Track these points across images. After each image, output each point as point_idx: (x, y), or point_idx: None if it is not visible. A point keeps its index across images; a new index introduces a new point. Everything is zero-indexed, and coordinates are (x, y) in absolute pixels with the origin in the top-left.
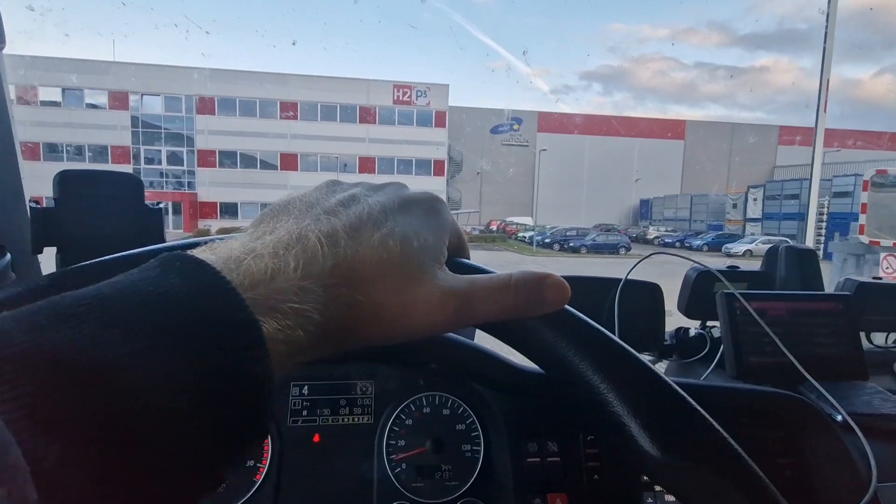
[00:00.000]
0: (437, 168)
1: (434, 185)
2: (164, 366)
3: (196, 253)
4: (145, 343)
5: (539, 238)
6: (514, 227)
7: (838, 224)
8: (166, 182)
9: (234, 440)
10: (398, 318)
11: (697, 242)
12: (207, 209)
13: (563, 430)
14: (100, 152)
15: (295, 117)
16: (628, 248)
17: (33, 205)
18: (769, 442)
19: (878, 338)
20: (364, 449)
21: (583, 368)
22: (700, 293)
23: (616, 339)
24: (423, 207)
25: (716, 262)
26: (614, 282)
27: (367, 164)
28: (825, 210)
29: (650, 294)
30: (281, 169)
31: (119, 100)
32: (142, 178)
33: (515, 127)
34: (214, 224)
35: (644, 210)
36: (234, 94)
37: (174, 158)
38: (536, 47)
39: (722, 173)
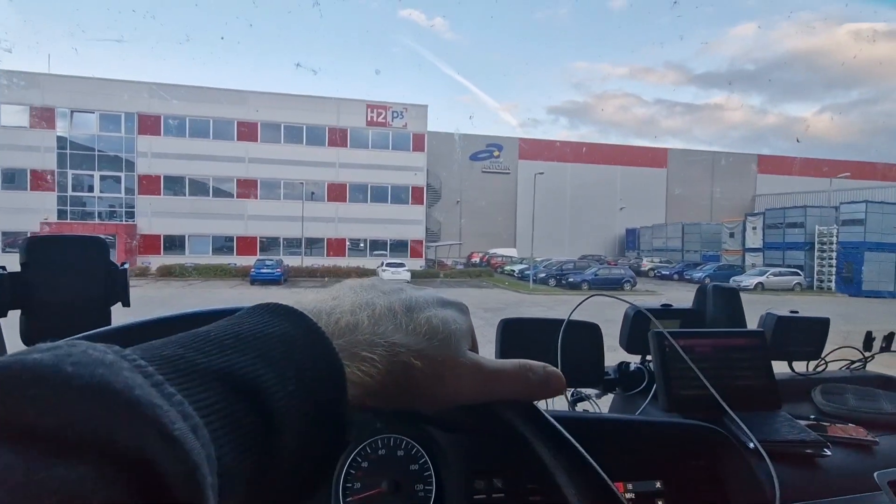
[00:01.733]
0: (416, 195)
1: (412, 215)
2: (296, 393)
3: (288, 304)
4: (281, 373)
5: (531, 272)
6: (500, 259)
7: (850, 254)
8: (98, 212)
9: (329, 460)
10: (439, 385)
11: (699, 275)
12: (148, 243)
13: (509, 468)
14: (12, 177)
15: (254, 139)
16: (633, 283)
17: (0, 269)
18: (692, 470)
19: (801, 366)
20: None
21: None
22: (638, 330)
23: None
24: (456, 306)
25: None
26: (558, 322)
27: (337, 191)
28: (834, 239)
29: (591, 333)
30: (237, 197)
31: (43, 118)
32: (60, 208)
33: (496, 154)
34: (156, 260)
35: (630, 240)
36: (184, 113)
37: (109, 185)
38: (504, 83)
39: (705, 202)
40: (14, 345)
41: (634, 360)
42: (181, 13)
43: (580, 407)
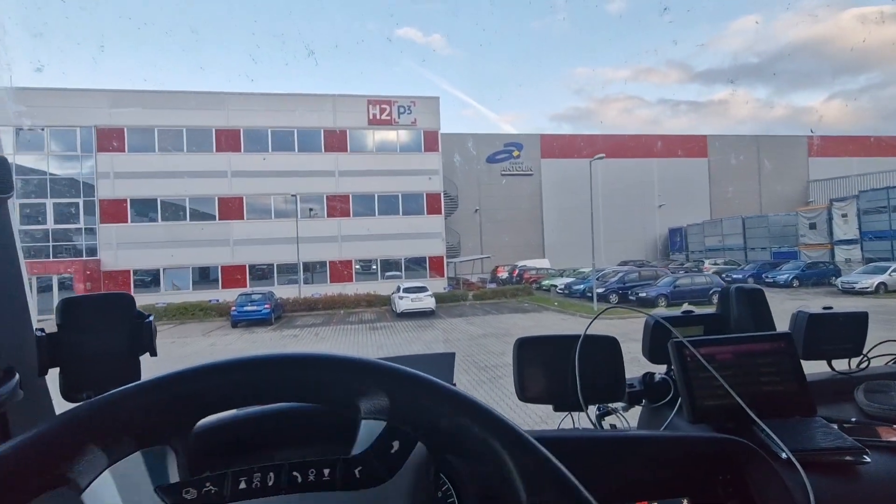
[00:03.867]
0: (432, 204)
1: (429, 227)
2: None
3: None
4: None
5: (581, 287)
6: (533, 272)
7: None
8: (53, 247)
9: None
10: None
11: (784, 276)
12: (114, 280)
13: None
14: None
15: (237, 148)
16: None
17: (39, 332)
18: (720, 485)
19: (843, 365)
20: None
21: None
22: (659, 340)
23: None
24: None
25: (821, 304)
26: (574, 338)
27: (338, 205)
28: None
29: (609, 347)
30: (220, 218)
31: None
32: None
33: (515, 153)
34: None
35: (676, 240)
36: (151, 123)
37: (64, 214)
38: (505, 94)
39: (752, 193)
40: (57, 403)
41: (660, 370)
42: (139, 5)
43: (607, 421)
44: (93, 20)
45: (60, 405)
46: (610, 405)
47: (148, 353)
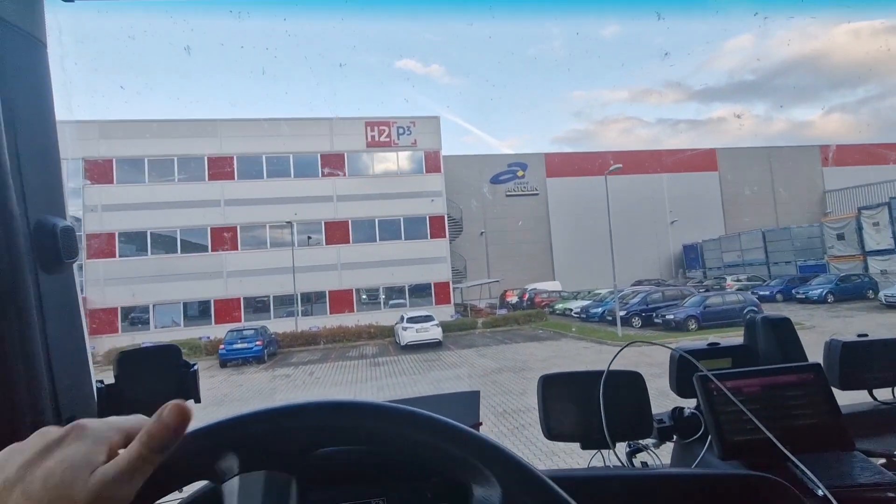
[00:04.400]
0: (436, 227)
1: (434, 251)
2: None
3: None
4: None
5: (599, 310)
6: (545, 296)
7: None
8: None
9: None
10: None
11: (817, 291)
12: (101, 320)
13: None
14: None
15: (230, 176)
16: (758, 313)
17: (99, 383)
18: None
19: (885, 394)
20: None
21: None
22: (686, 373)
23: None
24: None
25: (863, 323)
26: (598, 374)
27: (337, 232)
28: None
29: (633, 382)
30: (213, 250)
31: None
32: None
33: (520, 173)
34: (111, 341)
35: (692, 257)
36: (141, 153)
37: None
38: (505, 120)
39: (767, 205)
40: None
41: (690, 403)
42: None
43: (639, 458)
44: (87, 54)
45: None
46: (640, 442)
47: (193, 400)
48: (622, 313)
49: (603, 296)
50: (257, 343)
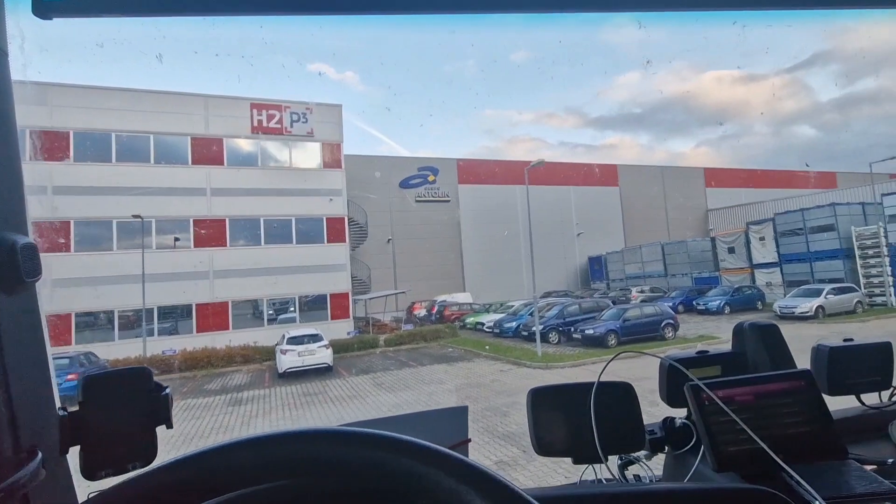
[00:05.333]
0: (334, 230)
1: (331, 258)
2: None
3: None
4: None
5: (513, 324)
6: (455, 309)
7: None
8: None
9: None
10: None
11: (715, 303)
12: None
13: None
14: None
15: (65, 155)
16: (676, 326)
17: (62, 411)
18: None
19: (873, 398)
20: None
21: None
22: (676, 383)
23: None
24: None
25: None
26: (588, 387)
27: (210, 232)
28: (883, 241)
29: (624, 394)
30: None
31: None
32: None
33: (431, 178)
34: None
35: (596, 269)
36: None
37: None
38: (419, 132)
39: (660, 220)
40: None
41: (680, 413)
42: None
43: (631, 471)
44: None
45: (80, 483)
46: (632, 454)
47: (164, 426)
48: (539, 327)
49: (516, 309)
50: (69, 377)
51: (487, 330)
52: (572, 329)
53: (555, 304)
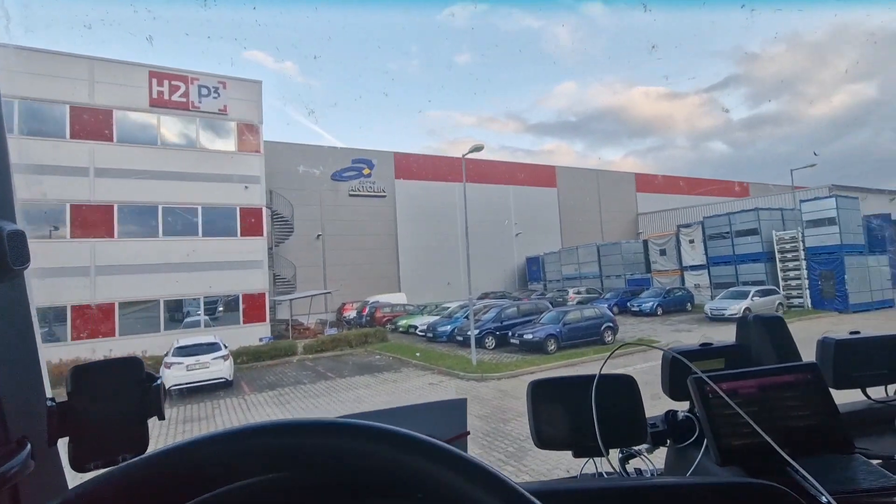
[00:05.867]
0: (250, 222)
1: (245, 253)
2: None
3: None
4: None
5: (448, 328)
6: (387, 311)
7: (828, 261)
8: None
9: None
10: None
11: (648, 304)
12: None
13: None
14: None
15: None
16: (615, 328)
17: (50, 401)
18: None
19: (878, 392)
20: None
21: None
22: (679, 375)
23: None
24: None
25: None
26: (589, 379)
27: (92, 220)
28: (800, 245)
29: (626, 386)
30: None
31: None
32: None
33: (366, 171)
34: None
35: (534, 270)
36: None
37: None
38: (360, 130)
39: (595, 222)
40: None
41: (683, 406)
42: None
43: (632, 465)
44: None
45: (71, 474)
46: (633, 448)
47: (156, 417)
48: (475, 332)
49: (452, 311)
50: None
51: (420, 334)
52: (510, 333)
53: (492, 306)
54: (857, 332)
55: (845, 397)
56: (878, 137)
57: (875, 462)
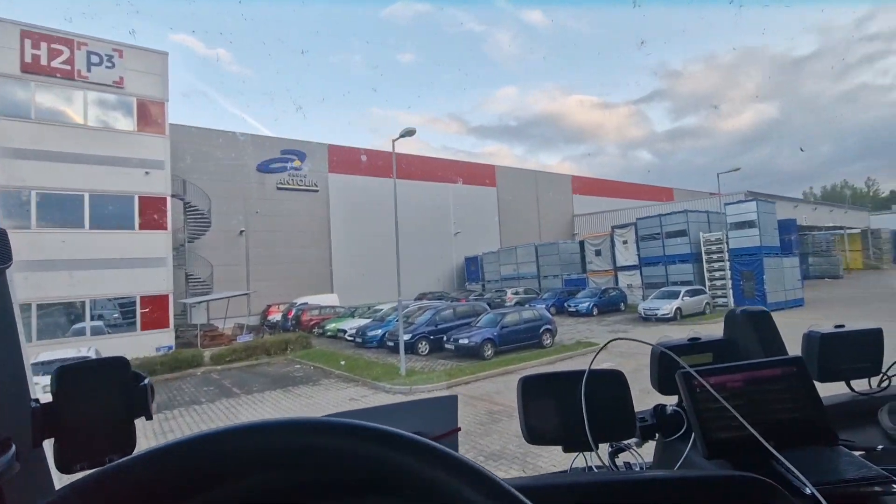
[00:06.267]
0: (151, 213)
1: (145, 250)
2: None
3: None
4: None
5: (378, 332)
6: (316, 314)
7: (749, 262)
8: None
9: None
10: None
11: (584, 304)
12: None
13: None
14: None
15: None
16: (554, 331)
17: (35, 402)
18: None
19: (863, 385)
20: None
21: None
22: (668, 370)
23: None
24: None
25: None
26: (579, 374)
27: None
28: (725, 246)
29: (615, 381)
30: None
31: None
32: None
33: (296, 163)
34: None
35: (473, 270)
36: None
37: None
38: (299, 124)
39: (533, 223)
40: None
41: (671, 401)
42: None
43: (621, 458)
44: None
45: (58, 476)
46: (623, 441)
47: (143, 418)
48: (406, 337)
49: (384, 313)
50: None
51: (349, 339)
52: (445, 338)
53: (427, 308)
54: (842, 326)
55: (830, 390)
56: (779, 153)
57: (858, 453)
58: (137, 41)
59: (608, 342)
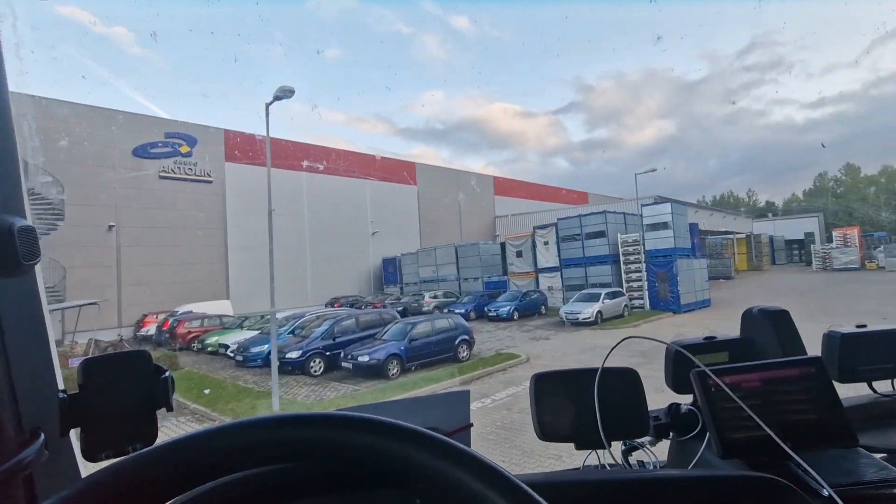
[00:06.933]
0: None
1: None
2: None
3: None
4: None
5: (264, 349)
6: (198, 325)
7: (663, 263)
8: None
9: None
10: None
11: (505, 309)
12: None
13: None
14: None
15: None
16: (472, 343)
17: (62, 393)
18: None
19: (885, 386)
20: None
21: None
22: (682, 369)
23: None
24: None
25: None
26: (592, 372)
27: None
28: (641, 248)
29: (628, 379)
30: None
31: None
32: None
33: (183, 149)
34: None
35: (391, 272)
36: None
37: None
38: (208, 107)
39: (454, 223)
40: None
41: (686, 399)
42: None
43: (635, 457)
44: None
45: (84, 464)
46: (636, 440)
47: (165, 409)
48: (294, 355)
49: (279, 322)
50: None
51: (230, 356)
52: (342, 354)
53: (325, 317)
54: (864, 326)
55: (852, 391)
56: (675, 165)
57: (879, 456)
58: (14, 9)
59: (622, 340)
